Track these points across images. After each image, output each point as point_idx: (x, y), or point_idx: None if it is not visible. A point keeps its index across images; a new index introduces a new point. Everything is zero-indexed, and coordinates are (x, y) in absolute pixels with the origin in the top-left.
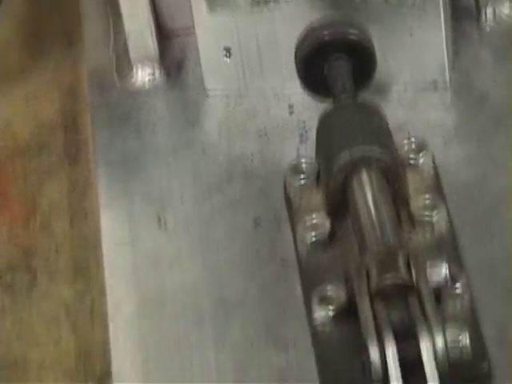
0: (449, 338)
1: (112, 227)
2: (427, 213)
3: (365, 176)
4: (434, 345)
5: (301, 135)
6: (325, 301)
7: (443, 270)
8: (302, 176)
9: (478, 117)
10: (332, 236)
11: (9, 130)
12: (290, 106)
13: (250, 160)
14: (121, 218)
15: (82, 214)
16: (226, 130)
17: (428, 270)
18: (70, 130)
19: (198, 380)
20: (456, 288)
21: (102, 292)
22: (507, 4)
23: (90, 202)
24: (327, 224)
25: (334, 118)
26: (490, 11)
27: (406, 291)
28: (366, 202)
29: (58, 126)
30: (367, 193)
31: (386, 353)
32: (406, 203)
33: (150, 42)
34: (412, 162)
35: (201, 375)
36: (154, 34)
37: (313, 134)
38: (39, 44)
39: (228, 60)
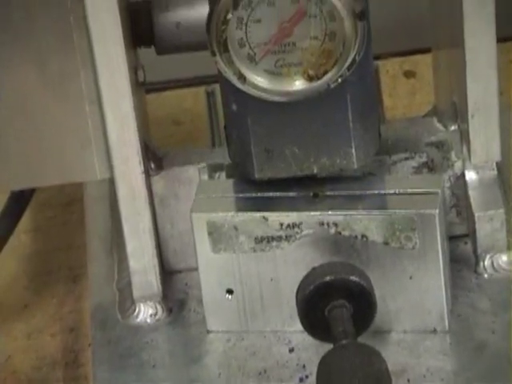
0: None
1: None
2: None
3: None
4: None
5: (300, 379)
6: None
7: None
8: None
9: (476, 364)
10: None
11: (9, 365)
12: (291, 346)
13: None
14: None
15: None
16: (226, 367)
17: None
18: (71, 366)
19: None
20: None
21: None
22: (505, 253)
23: None
24: None
25: (335, 361)
26: (488, 258)
27: None
28: None
29: (58, 362)
30: None
31: None
32: None
33: (154, 282)
34: None
35: None
36: (157, 274)
37: (313, 376)
38: (44, 280)
39: (230, 299)
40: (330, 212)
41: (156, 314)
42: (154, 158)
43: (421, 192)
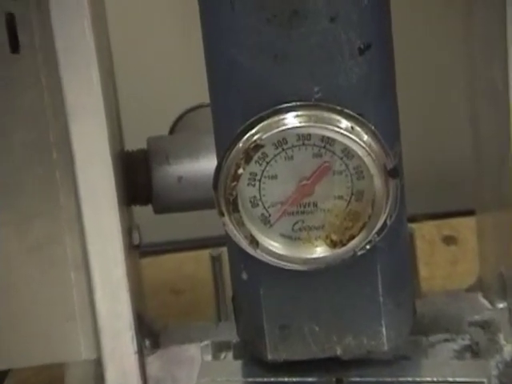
0: None
1: None
2: None
3: None
4: None
5: None
6: None
7: None
8: None
9: None
10: None
11: None
12: None
13: None
14: None
15: None
16: None
17: None
18: None
19: None
20: None
21: None
22: None
23: None
24: None
25: None
26: None
27: None
28: None
29: None
30: None
31: None
32: None
33: None
34: None
35: None
36: None
37: None
38: None
39: None
40: None
41: None
42: (149, 333)
43: (464, 381)
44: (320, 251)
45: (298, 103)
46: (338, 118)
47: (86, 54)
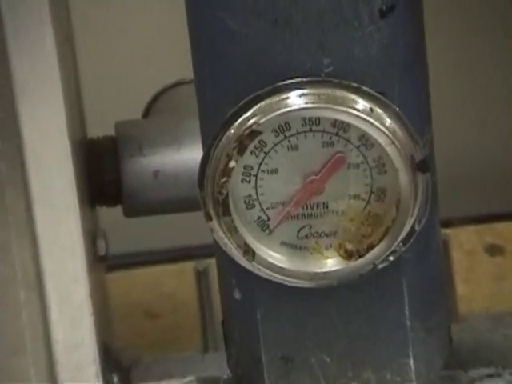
0: None
1: None
2: None
3: None
4: None
5: None
6: None
7: None
8: None
9: None
10: None
11: None
12: None
13: None
14: None
15: None
16: None
17: None
18: None
19: None
20: None
21: None
22: None
23: None
24: None
25: None
26: None
27: None
28: None
29: None
30: None
31: None
32: None
33: None
34: None
35: None
36: None
37: None
38: None
39: None
40: None
41: None
42: (118, 367)
43: None
44: (331, 264)
45: (304, 79)
46: (354, 97)
47: (39, 15)
